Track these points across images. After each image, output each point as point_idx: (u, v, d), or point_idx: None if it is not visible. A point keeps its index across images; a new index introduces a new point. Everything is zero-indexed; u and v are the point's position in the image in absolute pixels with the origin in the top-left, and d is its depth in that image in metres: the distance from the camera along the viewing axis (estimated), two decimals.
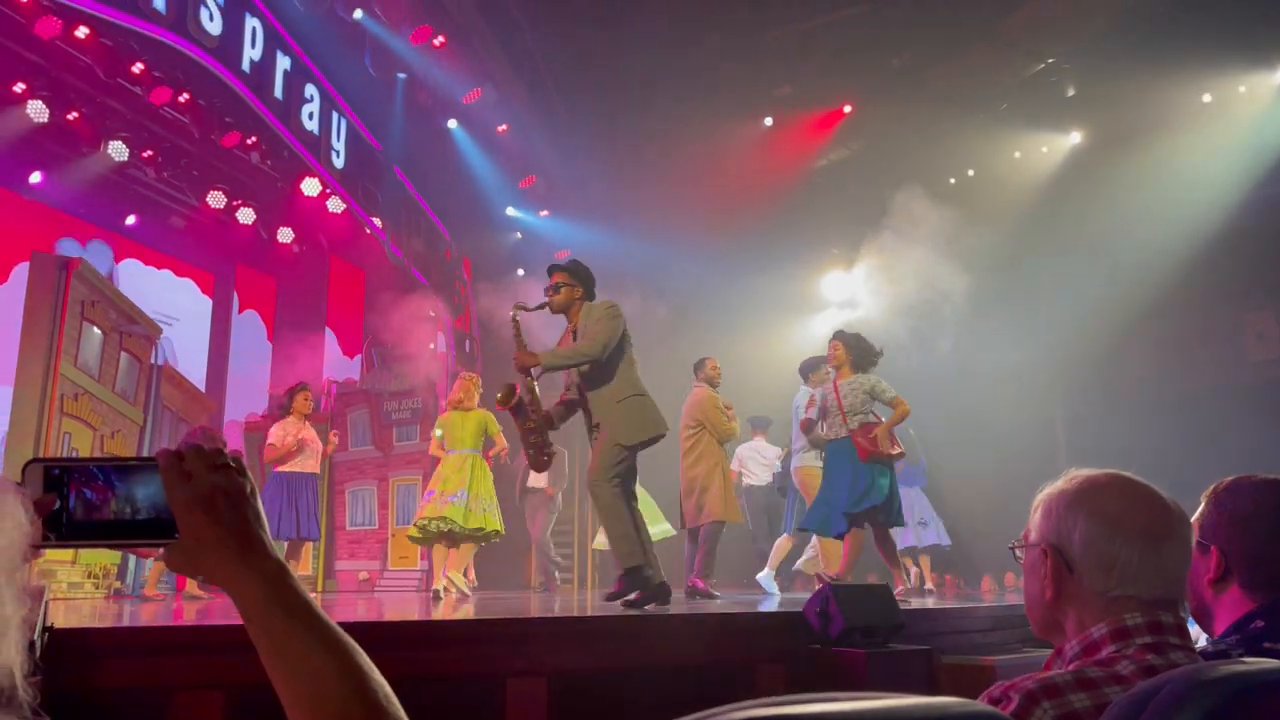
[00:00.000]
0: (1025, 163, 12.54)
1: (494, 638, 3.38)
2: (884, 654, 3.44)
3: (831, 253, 13.97)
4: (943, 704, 0.80)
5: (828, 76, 12.39)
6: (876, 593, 3.75)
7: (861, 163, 13.19)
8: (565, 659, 3.28)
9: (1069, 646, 1.25)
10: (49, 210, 9.55)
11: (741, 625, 3.81)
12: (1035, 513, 1.32)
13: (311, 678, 0.84)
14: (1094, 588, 1.23)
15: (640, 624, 3.75)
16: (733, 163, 12.64)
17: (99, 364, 8.83)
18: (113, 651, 2.84)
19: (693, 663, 3.44)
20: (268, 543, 0.89)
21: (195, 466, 0.87)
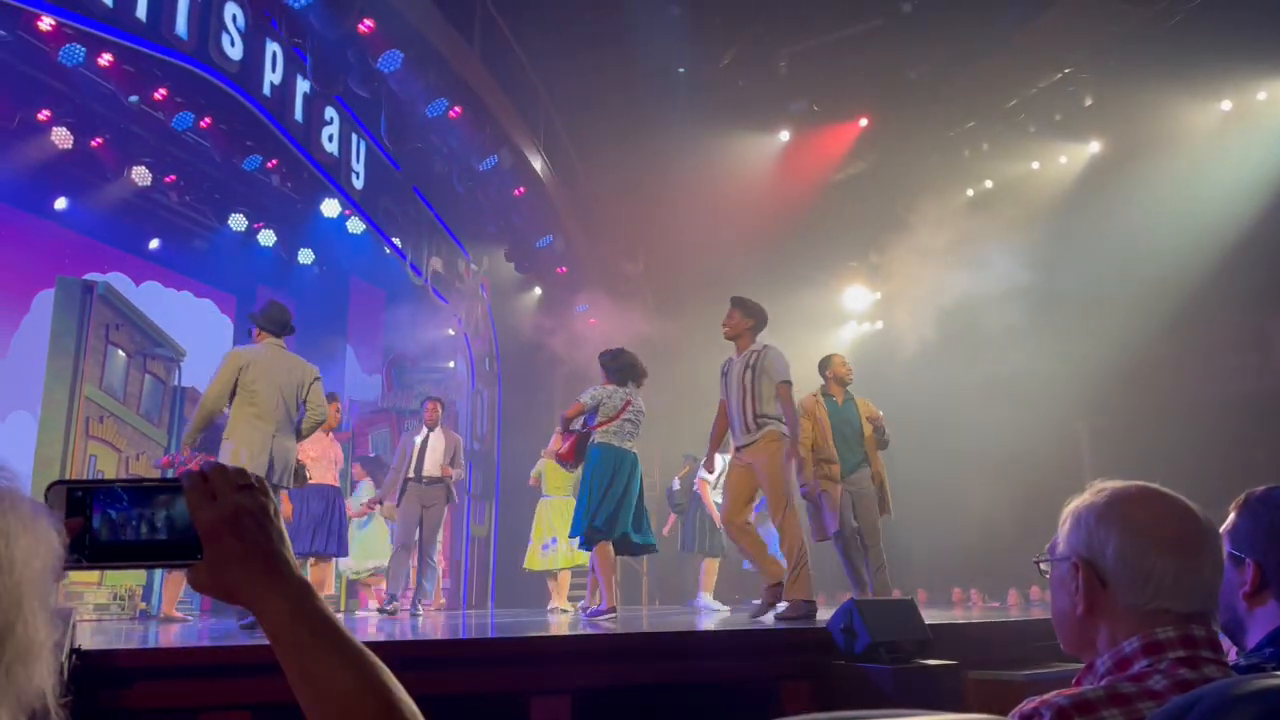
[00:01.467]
0: (1044, 173, 12.48)
1: (517, 656, 3.37)
2: (910, 670, 3.40)
3: (850, 266, 13.95)
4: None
5: (844, 91, 12.40)
6: (901, 608, 3.72)
7: (879, 176, 13.17)
8: (588, 677, 3.27)
9: (1100, 661, 1.23)
10: (74, 235, 9.67)
11: (766, 642, 3.79)
12: (1063, 526, 1.30)
13: (338, 695, 0.84)
14: (1128, 602, 1.22)
15: (664, 641, 3.74)
16: (750, 178, 12.66)
17: (123, 386, 8.92)
18: (140, 673, 2.86)
19: (718, 680, 3.42)
20: (292, 561, 0.90)
21: (220, 486, 0.88)
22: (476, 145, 9.26)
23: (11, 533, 0.67)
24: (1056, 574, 1.31)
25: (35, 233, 9.36)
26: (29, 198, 9.25)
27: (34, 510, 0.70)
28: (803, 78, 12.42)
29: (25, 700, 0.67)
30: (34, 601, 0.67)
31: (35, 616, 0.67)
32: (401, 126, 8.91)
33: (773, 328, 12.60)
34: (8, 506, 0.68)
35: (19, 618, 0.66)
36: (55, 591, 0.71)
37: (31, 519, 0.69)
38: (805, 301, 13.06)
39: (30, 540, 0.68)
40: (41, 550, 0.69)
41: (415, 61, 8.12)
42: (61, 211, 9.58)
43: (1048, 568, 1.33)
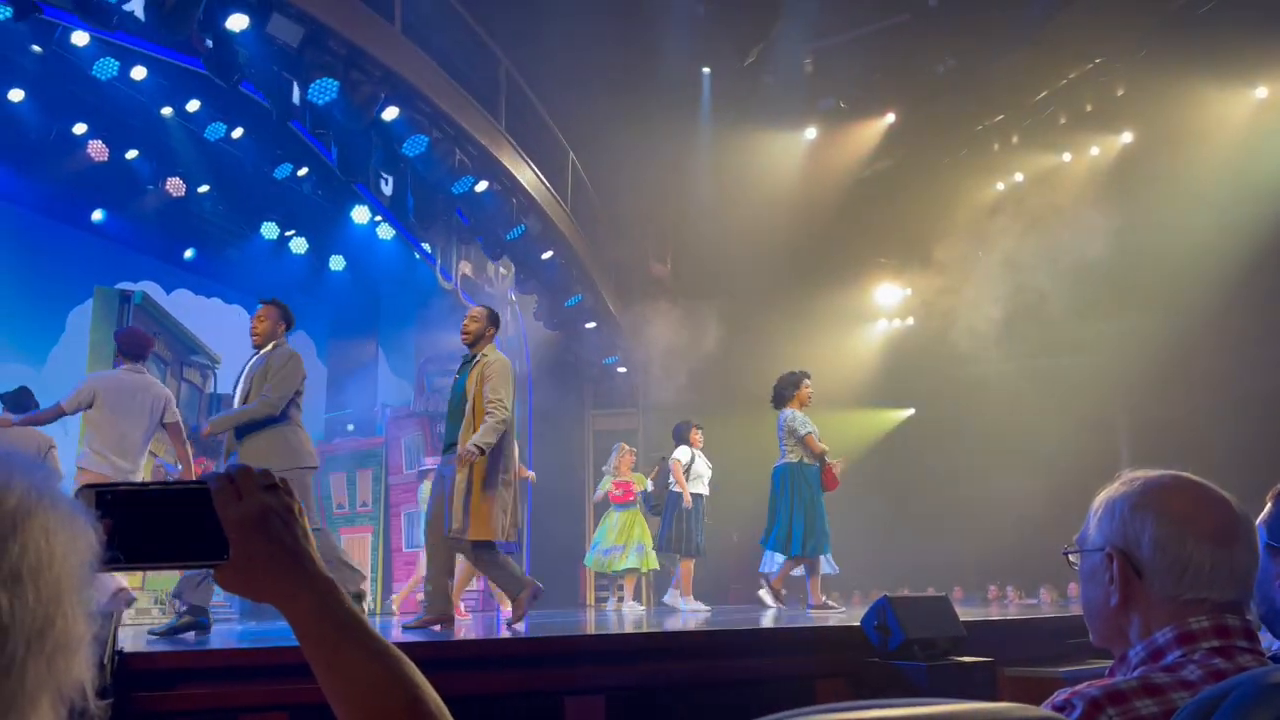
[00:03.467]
0: (1076, 165, 12.33)
1: (551, 656, 3.39)
2: (944, 666, 3.38)
3: (880, 262, 13.86)
4: (1002, 709, 0.79)
5: (871, 86, 12.33)
6: (935, 605, 3.70)
7: (907, 171, 13.08)
8: (622, 676, 3.28)
9: (1133, 652, 1.22)
10: (110, 246, 9.83)
11: (799, 639, 3.78)
12: (1094, 516, 1.29)
13: (366, 686, 0.87)
14: (1164, 592, 1.20)
15: (697, 640, 3.74)
16: (777, 176, 12.61)
17: None
18: (180, 674, 2.90)
19: (751, 678, 3.42)
20: (318, 559, 0.92)
21: (246, 487, 0.90)
22: (503, 217, 9.36)
23: (51, 529, 0.68)
24: (1088, 565, 1.29)
25: (73, 244, 9.53)
26: (67, 210, 9.42)
27: (72, 508, 0.72)
28: (829, 74, 12.36)
29: (65, 693, 0.69)
30: (73, 596, 0.69)
31: (75, 611, 0.69)
32: (428, 202, 8.99)
33: (801, 326, 12.60)
34: (48, 504, 0.69)
35: (59, 612, 0.67)
36: (94, 587, 0.73)
37: (70, 516, 0.71)
38: (834, 299, 13.00)
39: (69, 536, 0.69)
40: (80, 546, 0.71)
41: (440, 142, 8.19)
42: (98, 223, 9.75)
43: (1077, 559, 1.32)
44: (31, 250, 9.18)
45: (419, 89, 7.89)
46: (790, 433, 7.15)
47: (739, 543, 12.86)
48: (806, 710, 0.72)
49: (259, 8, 6.56)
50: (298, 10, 6.73)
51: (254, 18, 6.55)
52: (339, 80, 7.02)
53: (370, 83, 7.32)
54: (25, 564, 0.66)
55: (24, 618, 0.65)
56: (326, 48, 7.00)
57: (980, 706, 0.78)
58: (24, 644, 0.65)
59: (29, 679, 0.65)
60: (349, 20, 7.23)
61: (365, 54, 7.30)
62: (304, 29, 6.80)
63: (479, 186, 8.79)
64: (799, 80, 12.51)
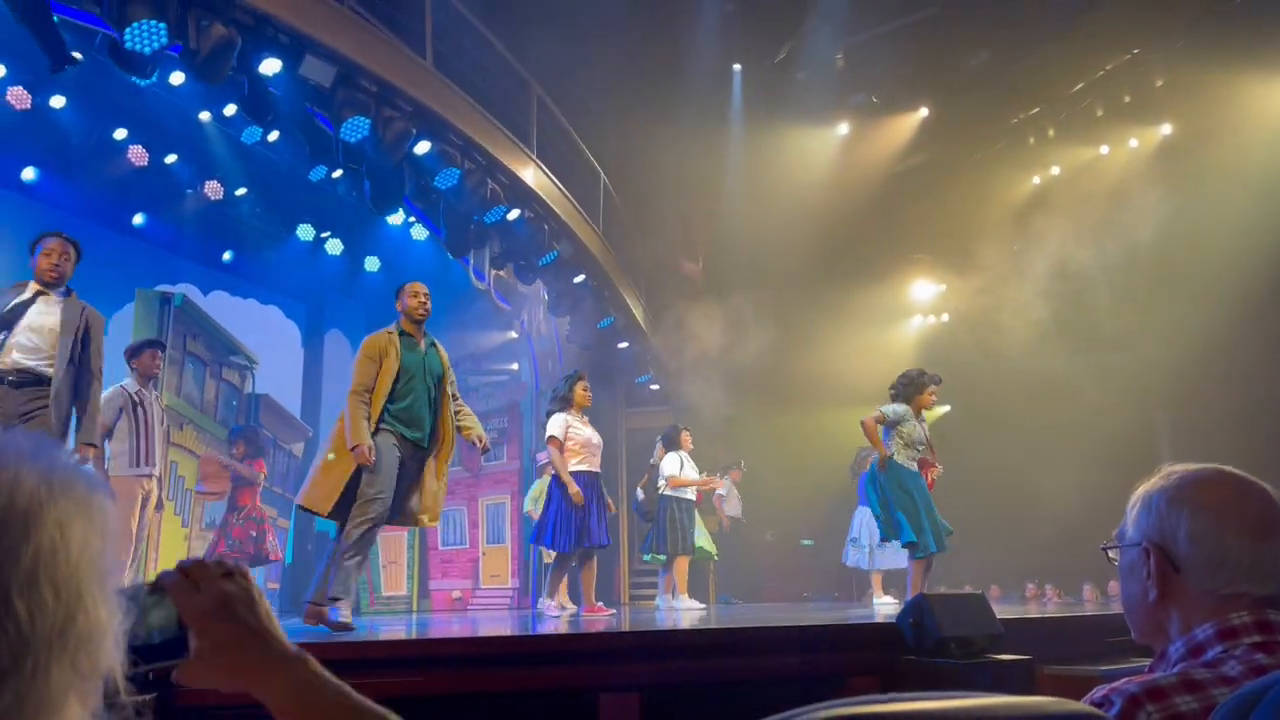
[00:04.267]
0: (1113, 158, 12.15)
1: (586, 653, 3.40)
2: (981, 664, 3.36)
3: (915, 258, 13.75)
4: (1039, 703, 0.79)
5: (903, 81, 12.23)
6: (972, 602, 3.67)
7: (941, 166, 12.96)
8: (657, 673, 3.29)
9: (1173, 648, 1.21)
10: (151, 249, 9.99)
11: (833, 637, 3.76)
12: (1132, 511, 1.28)
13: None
14: (1202, 586, 1.19)
15: (731, 637, 3.73)
16: (809, 173, 12.56)
17: (200, 394, 9.20)
18: None
19: (785, 675, 3.42)
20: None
21: (203, 577, 0.90)
22: (536, 243, 9.42)
23: (65, 521, 0.66)
24: (1126, 560, 1.28)
25: (115, 248, 9.69)
26: (108, 214, 9.58)
27: (88, 487, 0.69)
28: (861, 69, 12.29)
29: (93, 685, 0.68)
30: (93, 586, 0.67)
31: (96, 602, 0.67)
32: (460, 232, 9.05)
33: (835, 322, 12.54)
34: (59, 491, 0.67)
35: (80, 607, 0.66)
36: (115, 570, 0.71)
37: (85, 499, 0.69)
38: (869, 296, 12.92)
39: (85, 523, 0.68)
40: (97, 530, 0.69)
41: (472, 173, 8.24)
42: (139, 226, 9.91)
43: (1116, 555, 1.31)
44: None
45: (450, 121, 7.97)
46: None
47: (772, 541, 12.84)
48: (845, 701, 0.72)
49: (292, 51, 6.63)
50: (329, 51, 6.82)
51: (286, 61, 6.63)
52: (370, 118, 7.08)
53: (402, 118, 7.39)
54: (41, 565, 0.64)
55: (44, 623, 0.64)
56: (358, 86, 7.09)
57: (1017, 700, 0.78)
58: (46, 648, 0.64)
59: (53, 682, 0.64)
60: (380, 58, 7.31)
61: (397, 90, 7.39)
62: (336, 68, 6.89)
63: (511, 215, 8.86)
64: (830, 76, 12.44)
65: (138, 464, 6.20)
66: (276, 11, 6.46)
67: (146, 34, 5.74)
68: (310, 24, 6.69)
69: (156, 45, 5.84)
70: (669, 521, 8.25)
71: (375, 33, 7.50)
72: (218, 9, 6.08)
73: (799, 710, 0.70)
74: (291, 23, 6.56)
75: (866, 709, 0.71)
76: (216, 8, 6.07)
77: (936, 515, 6.54)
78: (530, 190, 9.15)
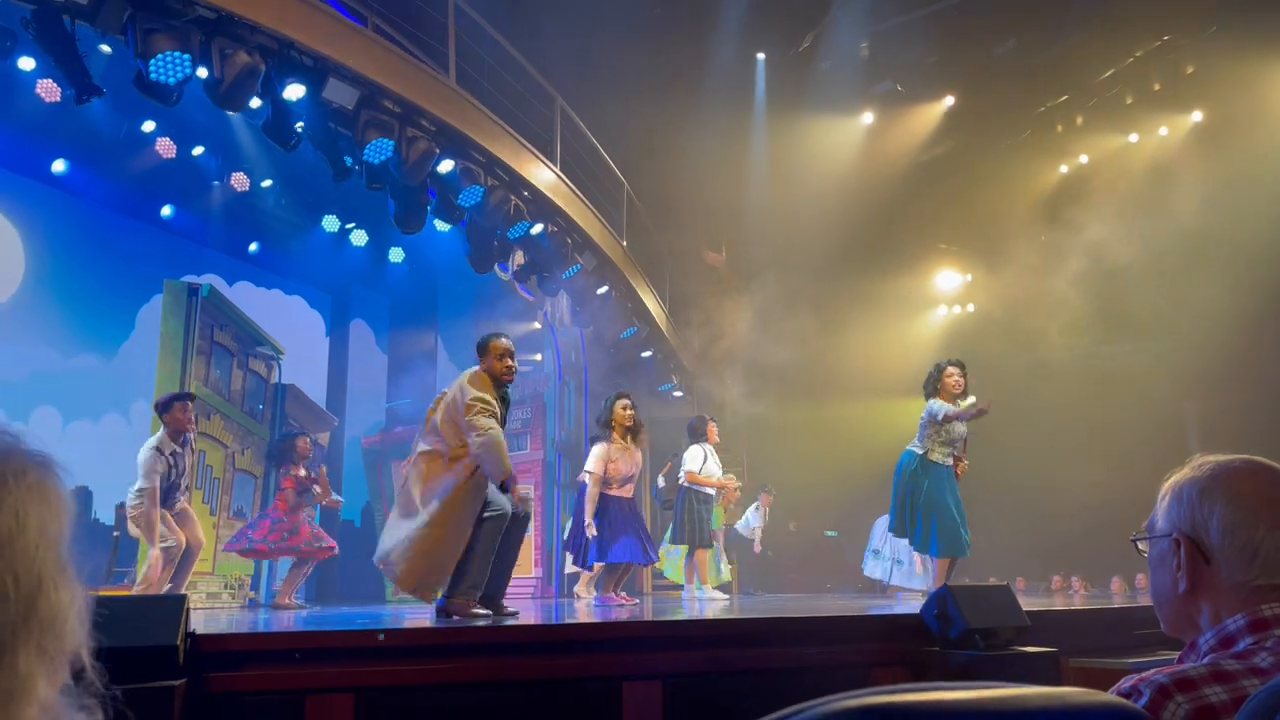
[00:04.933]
0: (1143, 146, 12.00)
1: (611, 642, 3.41)
2: (1007, 656, 3.34)
3: (940, 248, 13.66)
4: (1066, 694, 0.79)
5: (928, 69, 12.12)
6: (997, 594, 3.65)
7: (967, 156, 12.84)
8: (680, 662, 3.29)
9: (1203, 640, 1.20)
10: (178, 240, 10.09)
11: (858, 628, 3.76)
12: (1163, 501, 1.26)
13: None
14: (1234, 578, 1.17)
15: (755, 627, 3.73)
16: (833, 162, 12.48)
17: (227, 384, 9.28)
18: (249, 656, 2.98)
19: (807, 665, 3.41)
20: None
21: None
22: (560, 256, 9.43)
23: (21, 510, 0.67)
24: (1156, 552, 1.27)
25: (143, 239, 9.80)
26: (137, 206, 9.69)
27: (41, 472, 0.70)
28: (885, 58, 12.18)
29: (61, 665, 0.69)
30: (54, 570, 0.68)
31: (57, 585, 0.68)
32: (484, 247, 9.08)
33: (860, 313, 12.48)
34: (13, 478, 0.67)
35: (41, 592, 0.67)
36: (70, 555, 0.71)
37: (40, 484, 0.69)
38: (893, 286, 12.84)
39: (41, 508, 0.68)
40: (54, 513, 0.69)
41: (495, 189, 8.25)
42: (167, 218, 10.01)
43: (1146, 546, 1.29)
44: (104, 245, 9.46)
45: (473, 139, 7.98)
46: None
47: (796, 533, 12.82)
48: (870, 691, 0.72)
49: (314, 75, 6.66)
50: (352, 73, 6.84)
51: (310, 85, 6.66)
52: (394, 139, 7.11)
53: (425, 137, 7.41)
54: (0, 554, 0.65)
55: (7, 611, 0.65)
56: (381, 107, 7.11)
57: (1044, 691, 0.78)
58: (11, 634, 0.65)
59: (20, 665, 0.65)
60: (403, 78, 7.32)
61: (420, 110, 7.39)
62: (359, 91, 6.92)
63: (535, 229, 8.89)
64: (855, 65, 12.35)
65: (166, 503, 6.39)
66: (299, 36, 6.46)
67: (171, 65, 5.81)
68: (332, 47, 6.69)
69: (180, 76, 5.90)
70: (687, 513, 8.26)
71: (397, 53, 7.52)
72: (240, 37, 6.10)
73: (824, 699, 0.70)
74: (314, 47, 6.56)
75: (892, 698, 0.71)
76: (239, 36, 6.10)
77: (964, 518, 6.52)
78: (554, 204, 9.19)
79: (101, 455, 8.34)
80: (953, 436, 6.57)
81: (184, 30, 5.76)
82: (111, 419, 9.29)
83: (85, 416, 9.14)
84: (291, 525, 7.53)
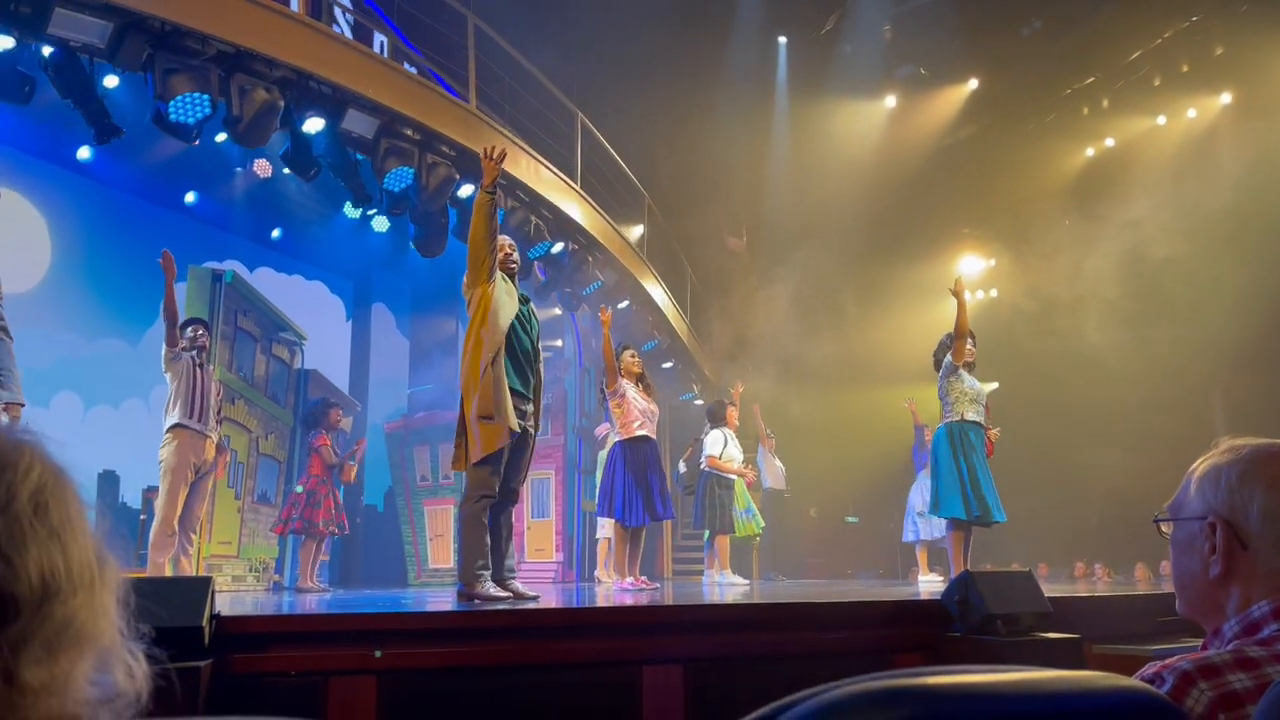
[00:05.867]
0: (1171, 128, 11.84)
1: (631, 626, 3.42)
2: (1028, 642, 3.33)
3: (963, 233, 13.56)
4: (1089, 678, 0.78)
5: (952, 52, 12.00)
6: (1019, 580, 3.63)
7: (992, 139, 12.73)
8: (700, 646, 3.30)
9: (1228, 626, 1.18)
10: (202, 227, 10.15)
11: (877, 612, 3.75)
12: (1194, 483, 1.24)
13: None
14: (1270, 564, 1.16)
15: (775, 612, 3.74)
16: (855, 147, 12.40)
17: (251, 370, 9.35)
18: (274, 638, 3.01)
19: (828, 650, 3.41)
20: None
21: None
22: (581, 273, 9.44)
23: (68, 543, 0.70)
24: (1184, 534, 1.25)
25: (167, 225, 9.87)
26: (161, 192, 9.74)
27: (58, 470, 0.73)
28: (909, 40, 12.09)
29: (124, 613, 0.73)
30: (92, 558, 0.71)
31: (98, 574, 0.72)
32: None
33: (883, 297, 12.42)
34: (57, 504, 0.70)
35: (78, 586, 0.70)
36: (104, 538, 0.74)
37: (58, 478, 0.72)
38: (916, 271, 12.76)
39: (69, 504, 0.72)
40: (78, 510, 0.72)
41: (516, 210, 8.27)
42: (191, 204, 10.07)
43: (1169, 528, 1.28)
44: (129, 231, 9.54)
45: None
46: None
47: (817, 518, 12.81)
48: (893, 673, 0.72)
49: (334, 106, 6.67)
50: (371, 103, 6.85)
51: (329, 117, 6.67)
52: (413, 167, 7.13)
53: (445, 163, 7.42)
54: (73, 509, 0.70)
55: (89, 551, 0.70)
56: (401, 134, 7.13)
57: (1066, 675, 0.77)
58: (90, 571, 0.70)
59: (98, 602, 0.70)
60: (422, 104, 7.34)
61: (439, 135, 7.40)
62: (378, 120, 6.94)
63: (556, 248, 8.90)
64: (878, 47, 12.26)
65: (191, 416, 6.30)
66: (317, 69, 6.47)
67: (190, 106, 5.90)
68: (351, 78, 6.70)
69: (200, 115, 5.99)
70: (707, 498, 8.26)
71: (416, 79, 7.54)
72: (259, 72, 6.13)
73: (844, 681, 0.70)
74: (332, 78, 6.57)
75: (913, 681, 0.71)
76: (258, 71, 6.12)
77: (989, 486, 6.35)
78: (574, 223, 9.22)
79: (124, 441, 8.44)
80: (977, 392, 6.50)
81: (202, 69, 5.80)
82: (132, 404, 9.37)
83: (105, 402, 9.23)
84: (313, 500, 7.62)
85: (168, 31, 5.71)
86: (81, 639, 0.68)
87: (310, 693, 2.92)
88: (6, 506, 0.67)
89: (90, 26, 5.49)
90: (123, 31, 5.56)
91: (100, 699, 0.71)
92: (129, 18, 5.55)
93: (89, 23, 5.46)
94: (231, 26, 5.99)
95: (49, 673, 0.66)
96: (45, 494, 0.69)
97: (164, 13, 5.66)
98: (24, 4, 5.24)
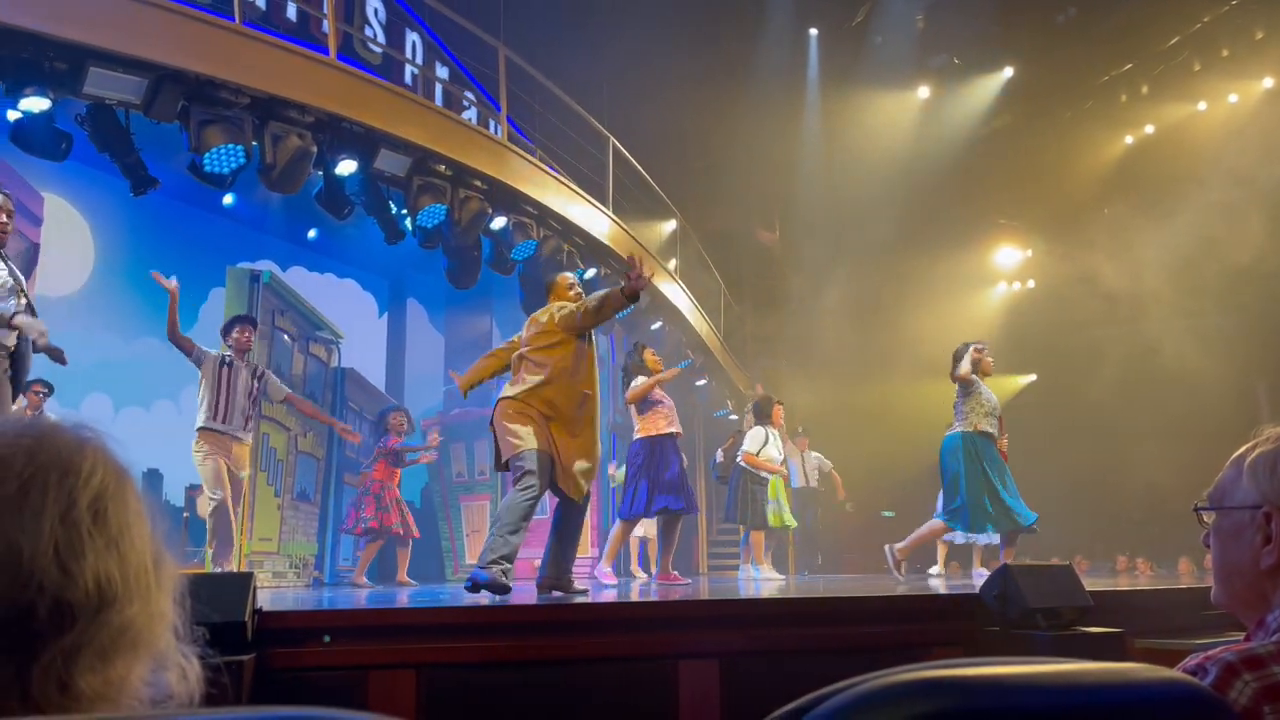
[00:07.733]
0: (1211, 114, 11.62)
1: (667, 621, 3.43)
2: (1069, 637, 3.29)
3: (999, 223, 13.41)
4: (1130, 669, 0.77)
5: (986, 41, 11.87)
6: (1059, 574, 3.59)
7: (1028, 128, 12.56)
8: (736, 641, 3.30)
9: (1272, 617, 1.16)
10: (240, 228, 10.27)
11: (915, 607, 3.73)
12: (1244, 472, 1.22)
13: None
14: None
15: (811, 606, 3.73)
16: (888, 138, 12.30)
17: (289, 369, 9.46)
18: (314, 633, 3.05)
19: (867, 645, 3.40)
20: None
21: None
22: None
23: (125, 550, 0.70)
24: (1231, 522, 1.23)
25: (207, 228, 10.00)
26: (201, 195, 9.87)
27: (121, 469, 0.73)
28: (942, 30, 11.97)
29: (179, 618, 0.73)
30: (154, 556, 0.72)
31: (161, 551, 0.73)
32: (537, 295, 9.13)
33: (917, 290, 12.31)
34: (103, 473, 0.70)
35: (161, 546, 0.72)
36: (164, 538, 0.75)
37: (120, 477, 0.72)
38: (952, 262, 12.64)
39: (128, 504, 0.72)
40: (138, 508, 0.73)
41: (548, 239, 8.31)
42: (229, 207, 10.19)
43: (1211, 517, 1.26)
44: (169, 234, 9.67)
45: (526, 193, 8.05)
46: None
47: (853, 513, 12.73)
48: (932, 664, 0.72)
49: (366, 147, 6.72)
50: (403, 142, 6.89)
51: (361, 159, 6.73)
52: (446, 203, 7.19)
53: (478, 197, 7.47)
54: (133, 511, 0.71)
55: (145, 554, 0.70)
56: (433, 171, 7.17)
57: (1108, 667, 0.77)
58: (147, 574, 0.70)
59: (154, 607, 0.70)
60: (453, 140, 7.38)
61: (471, 170, 7.45)
62: (410, 158, 6.98)
63: (589, 274, 8.94)
64: (910, 38, 12.15)
65: (215, 418, 6.40)
66: (349, 112, 6.52)
67: (225, 157, 5.97)
68: (382, 118, 6.74)
69: (234, 165, 6.06)
70: (740, 493, 8.24)
71: (447, 116, 7.62)
72: (291, 120, 6.19)
73: (881, 672, 0.70)
74: (364, 120, 6.62)
75: (949, 672, 0.70)
76: (290, 119, 6.19)
77: (1010, 493, 6.32)
78: (607, 248, 9.23)
79: (156, 442, 8.56)
80: (992, 404, 6.49)
81: (236, 119, 5.86)
82: (162, 405, 9.50)
83: (137, 403, 9.37)
84: (381, 504, 7.84)
85: (202, 83, 5.78)
86: (137, 645, 0.69)
87: (351, 686, 2.95)
88: (66, 514, 0.66)
89: (126, 83, 5.52)
90: (157, 85, 5.60)
91: (154, 699, 0.72)
92: (163, 72, 5.60)
93: (124, 80, 5.50)
94: (264, 76, 6.04)
95: (103, 680, 0.66)
96: (105, 499, 0.69)
97: (198, 66, 5.72)
98: (59, 62, 5.30)
